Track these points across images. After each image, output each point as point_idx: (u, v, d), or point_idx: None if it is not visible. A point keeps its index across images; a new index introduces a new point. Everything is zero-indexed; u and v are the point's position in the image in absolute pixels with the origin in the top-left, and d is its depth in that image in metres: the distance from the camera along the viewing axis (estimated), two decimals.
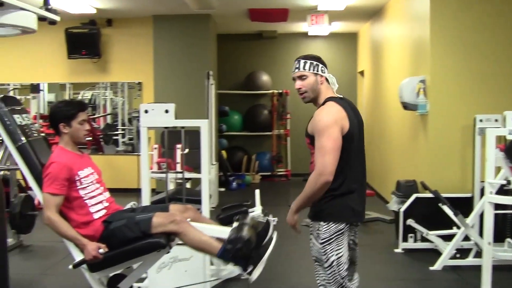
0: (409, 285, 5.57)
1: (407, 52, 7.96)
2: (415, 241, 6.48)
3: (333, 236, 3.31)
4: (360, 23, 11.72)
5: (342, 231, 3.33)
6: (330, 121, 3.22)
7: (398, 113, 8.20)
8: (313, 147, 3.29)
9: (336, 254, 3.32)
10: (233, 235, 3.54)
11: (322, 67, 3.42)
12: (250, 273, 3.54)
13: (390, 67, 9.18)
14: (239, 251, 3.49)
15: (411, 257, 6.32)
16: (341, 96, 3.46)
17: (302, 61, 3.41)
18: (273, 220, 4.82)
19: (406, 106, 7.00)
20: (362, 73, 12.39)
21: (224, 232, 3.70)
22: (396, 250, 6.52)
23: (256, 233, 3.60)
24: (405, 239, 6.48)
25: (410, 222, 6.34)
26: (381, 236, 7.41)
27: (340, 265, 3.33)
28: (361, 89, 12.66)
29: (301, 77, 3.40)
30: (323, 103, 3.36)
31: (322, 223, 3.32)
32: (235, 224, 3.65)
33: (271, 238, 3.67)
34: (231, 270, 5.23)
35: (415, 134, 7.37)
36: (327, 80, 3.44)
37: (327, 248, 3.31)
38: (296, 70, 3.42)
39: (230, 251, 3.52)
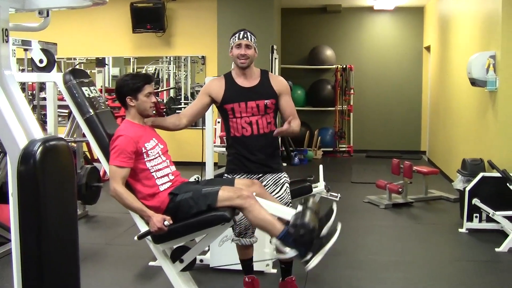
0: (475, 266, 5.44)
1: (476, 27, 7.72)
2: (480, 221, 6.33)
3: None
4: None
5: None
6: None
7: (465, 90, 7.98)
8: (273, 108, 4.22)
9: None
10: (297, 219, 3.51)
11: None
12: (307, 262, 3.48)
13: (458, 42, 8.92)
14: (302, 238, 3.46)
15: (476, 238, 6.18)
16: None
17: (248, 33, 4.20)
18: (336, 196, 4.76)
19: (474, 82, 6.81)
20: (428, 48, 12.11)
21: (288, 214, 3.66)
22: (460, 230, 6.39)
23: (318, 219, 3.58)
24: (470, 219, 6.35)
25: (476, 201, 6.20)
26: (445, 215, 7.28)
27: None
28: (427, 65, 12.40)
29: (248, 46, 4.17)
30: (265, 72, 4.39)
31: (284, 173, 4.23)
32: (299, 208, 3.62)
33: (335, 229, 3.61)
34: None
35: (483, 111, 7.16)
36: None
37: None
38: (245, 39, 4.16)
39: (292, 236, 3.49)
